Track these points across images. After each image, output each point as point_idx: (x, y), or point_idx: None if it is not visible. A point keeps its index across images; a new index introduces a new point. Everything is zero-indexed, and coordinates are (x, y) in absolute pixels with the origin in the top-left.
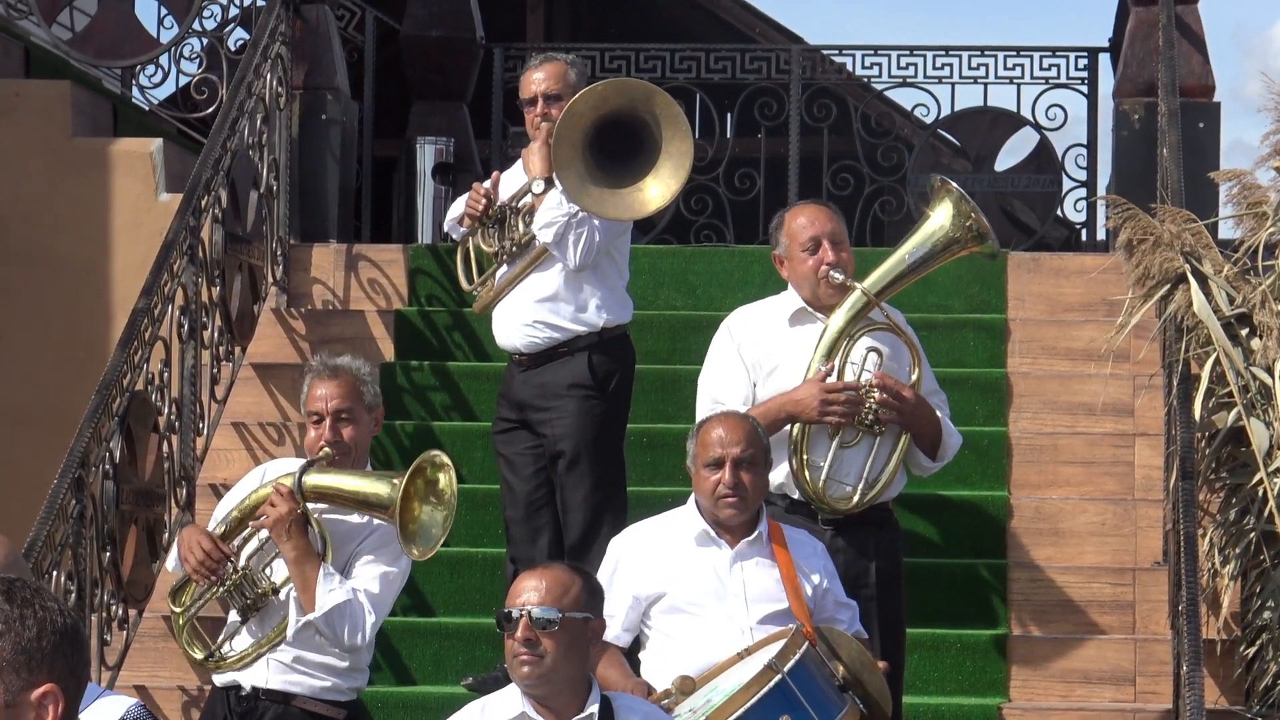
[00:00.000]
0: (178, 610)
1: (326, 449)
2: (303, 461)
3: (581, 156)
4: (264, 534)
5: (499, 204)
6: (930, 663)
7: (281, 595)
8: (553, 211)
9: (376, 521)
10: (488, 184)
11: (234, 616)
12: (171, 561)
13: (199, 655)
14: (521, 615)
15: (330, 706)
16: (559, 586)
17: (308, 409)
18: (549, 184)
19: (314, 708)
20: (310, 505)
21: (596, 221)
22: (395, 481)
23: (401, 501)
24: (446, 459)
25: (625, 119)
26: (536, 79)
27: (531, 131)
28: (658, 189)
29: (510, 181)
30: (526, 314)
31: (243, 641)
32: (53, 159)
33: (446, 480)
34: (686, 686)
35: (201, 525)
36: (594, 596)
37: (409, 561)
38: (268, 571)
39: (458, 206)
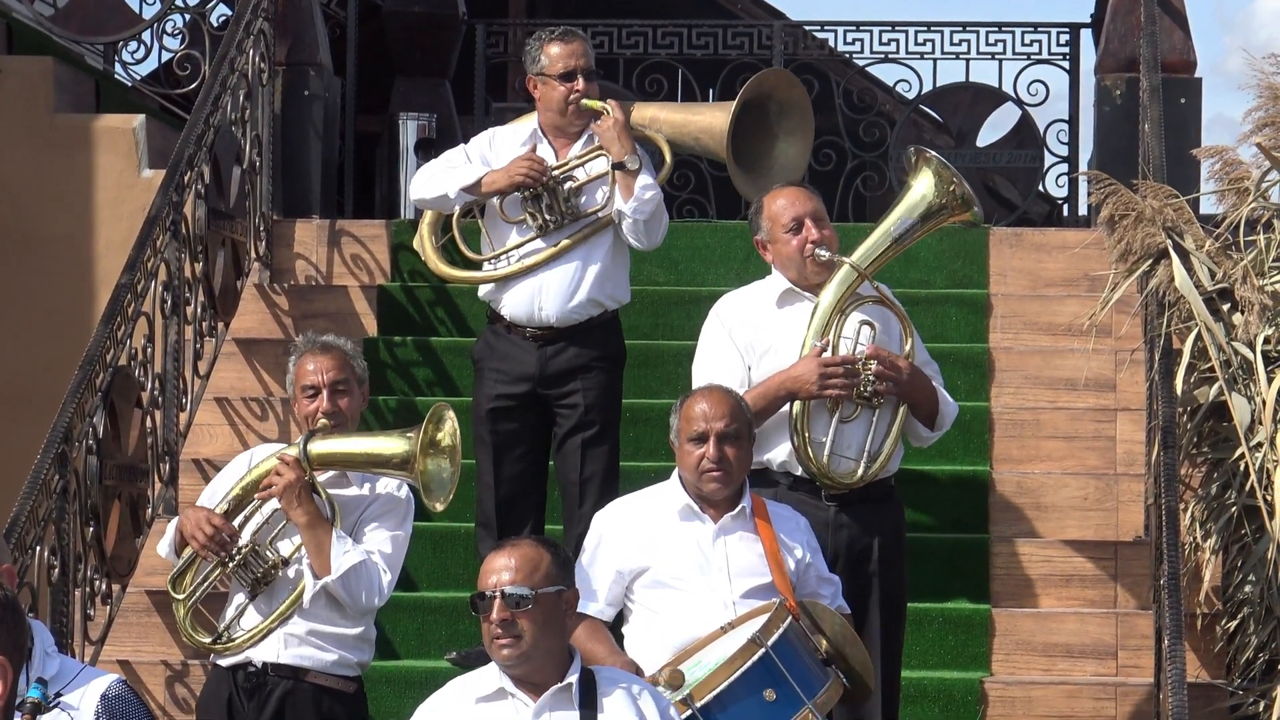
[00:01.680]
0: (180, 597)
1: (325, 420)
2: (294, 442)
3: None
4: (266, 510)
5: (550, 170)
6: (913, 637)
7: (290, 569)
8: (650, 191)
9: (378, 491)
10: (530, 147)
11: (239, 599)
12: (164, 547)
13: (206, 639)
14: (495, 596)
15: (340, 681)
16: (529, 563)
17: (302, 384)
18: (641, 163)
19: (324, 682)
20: (316, 475)
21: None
22: (410, 435)
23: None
24: (450, 411)
25: (758, 102)
26: (570, 52)
27: (560, 104)
28: (786, 161)
29: (547, 149)
30: (573, 290)
31: (251, 619)
32: (35, 136)
33: (450, 430)
34: (675, 680)
35: (203, 506)
36: (564, 568)
37: (411, 526)
38: (274, 546)
39: (457, 173)
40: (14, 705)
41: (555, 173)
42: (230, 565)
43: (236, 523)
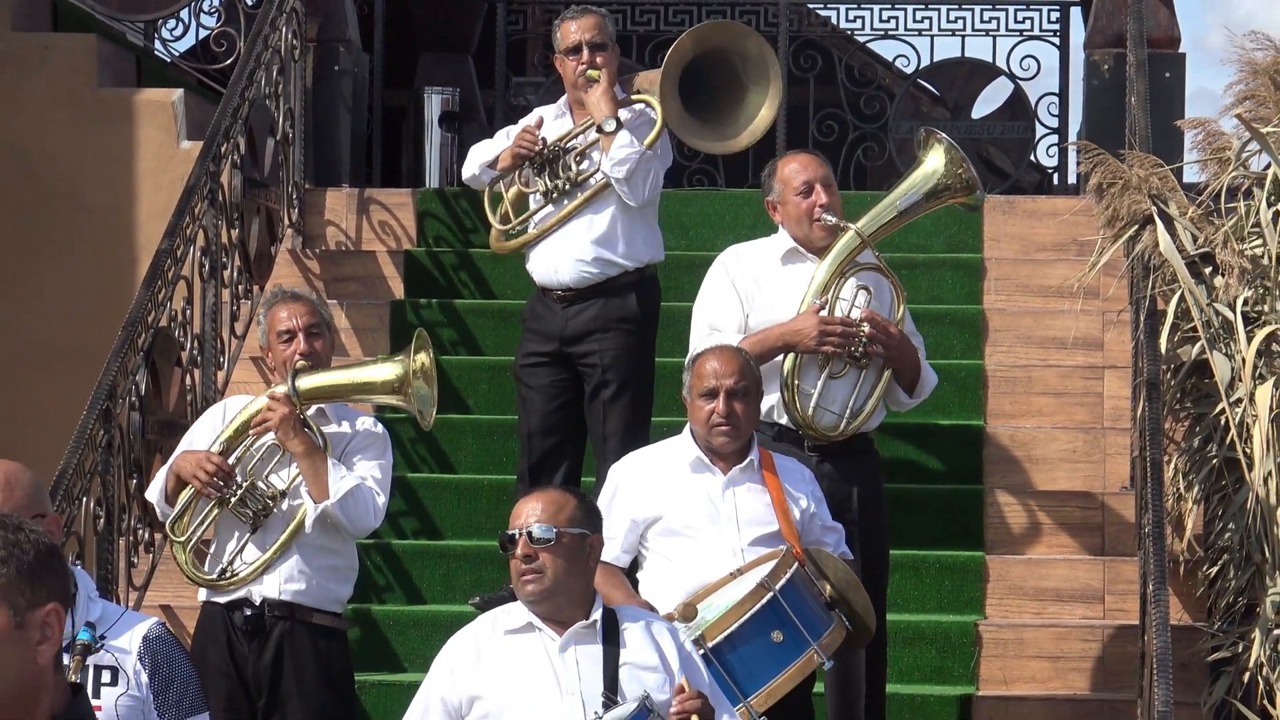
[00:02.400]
0: (181, 539)
1: (302, 361)
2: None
3: (677, 94)
4: (258, 447)
5: (549, 145)
6: (911, 582)
7: (284, 503)
8: (625, 149)
9: (358, 428)
10: (533, 122)
11: (233, 543)
12: (154, 493)
13: (212, 575)
14: (520, 535)
15: (332, 619)
16: (554, 506)
17: (277, 330)
18: (617, 125)
19: (320, 620)
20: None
21: (657, 162)
22: (400, 359)
23: None
24: (427, 337)
25: (717, 57)
26: (578, 28)
27: (571, 79)
28: (754, 122)
29: (552, 123)
30: (581, 251)
31: (252, 554)
32: (79, 109)
33: (429, 355)
34: (688, 614)
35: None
36: (591, 515)
37: (391, 457)
38: (269, 480)
39: (486, 150)
40: (63, 648)
41: (561, 143)
42: (231, 502)
43: (230, 462)
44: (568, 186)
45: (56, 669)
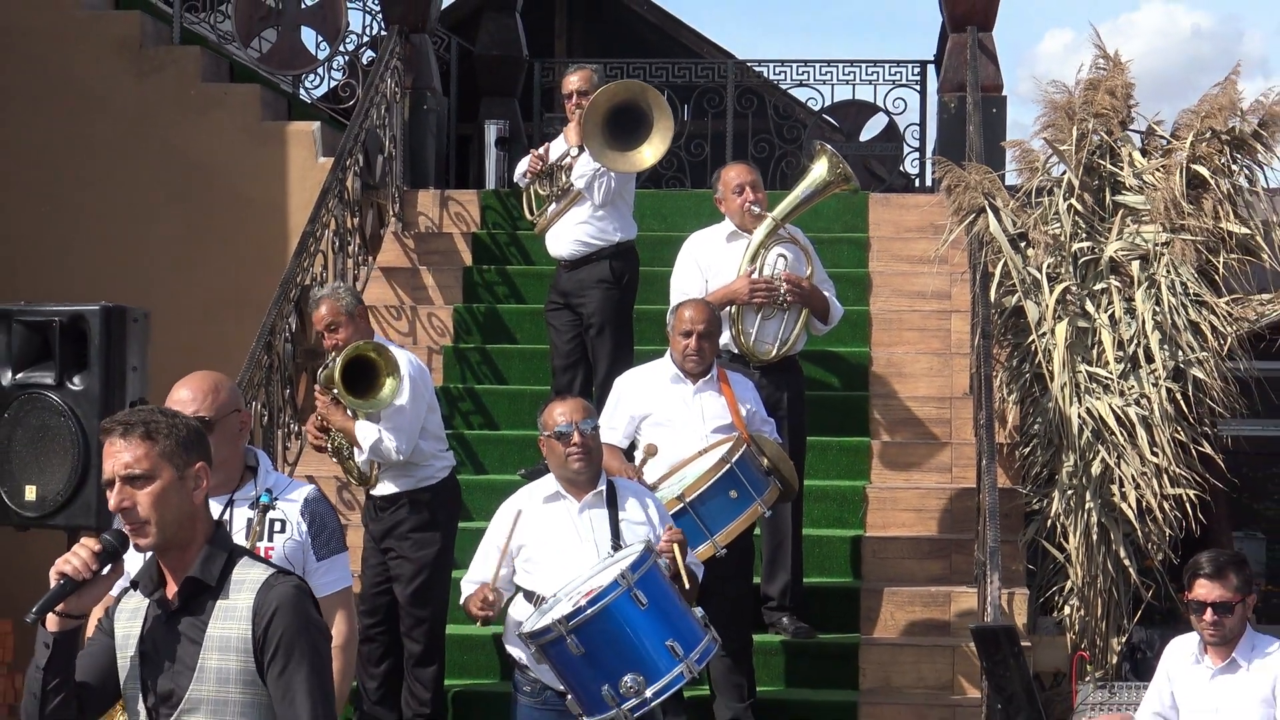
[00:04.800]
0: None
1: (332, 353)
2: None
3: (601, 131)
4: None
5: (549, 163)
6: (820, 459)
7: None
8: (584, 167)
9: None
10: (541, 151)
11: (366, 469)
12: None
13: (357, 480)
14: (573, 429)
15: (413, 493)
16: (586, 410)
17: (317, 329)
18: (581, 150)
19: (405, 498)
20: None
21: (611, 175)
22: (365, 405)
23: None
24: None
25: (630, 106)
26: (573, 80)
27: (570, 115)
28: (651, 152)
29: (555, 150)
30: (572, 234)
31: (369, 470)
32: (248, 136)
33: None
34: (650, 450)
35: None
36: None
37: (417, 394)
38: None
39: (523, 164)
40: (230, 502)
41: (557, 162)
42: (334, 446)
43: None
44: (559, 192)
45: (206, 507)
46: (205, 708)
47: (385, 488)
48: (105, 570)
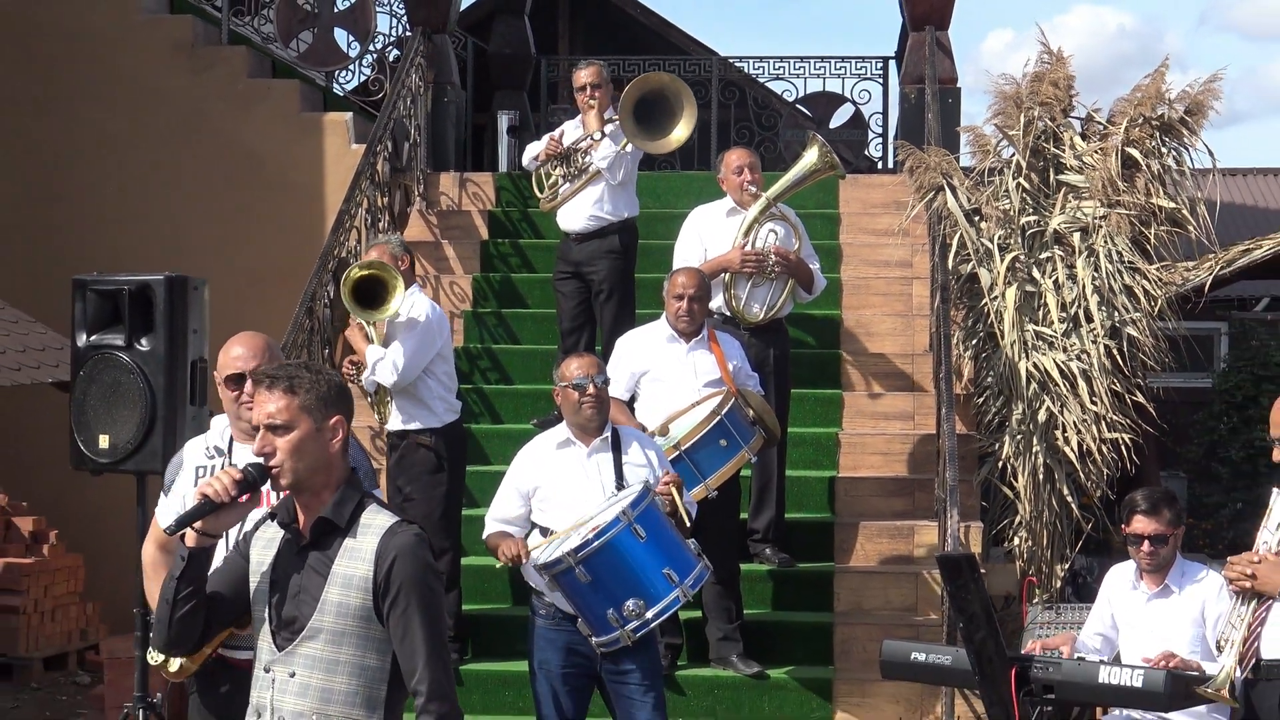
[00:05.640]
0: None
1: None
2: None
3: (632, 115)
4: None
5: (565, 148)
6: (796, 408)
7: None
8: (606, 149)
9: (405, 315)
10: (556, 134)
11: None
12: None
13: (380, 418)
14: (589, 381)
15: (421, 435)
16: (598, 365)
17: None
18: (602, 135)
19: (414, 438)
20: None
21: (628, 157)
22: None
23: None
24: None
25: (659, 94)
26: (584, 75)
27: (582, 106)
28: (678, 134)
29: (569, 135)
30: (585, 210)
31: (381, 407)
32: (290, 125)
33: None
34: (664, 430)
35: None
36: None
37: (427, 336)
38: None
39: (534, 149)
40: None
41: (572, 146)
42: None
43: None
44: (576, 172)
45: (343, 455)
46: (324, 636)
47: (394, 422)
48: (243, 498)
